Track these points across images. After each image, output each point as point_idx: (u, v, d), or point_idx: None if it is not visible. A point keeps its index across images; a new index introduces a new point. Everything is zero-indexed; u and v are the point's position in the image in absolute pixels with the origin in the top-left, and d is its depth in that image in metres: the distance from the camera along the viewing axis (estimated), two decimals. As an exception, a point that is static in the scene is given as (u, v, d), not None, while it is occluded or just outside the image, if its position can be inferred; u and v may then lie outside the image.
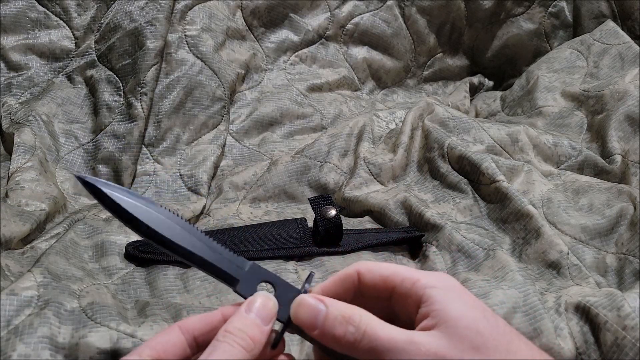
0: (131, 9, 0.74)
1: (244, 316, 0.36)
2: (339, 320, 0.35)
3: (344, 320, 0.35)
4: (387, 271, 0.37)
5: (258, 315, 0.36)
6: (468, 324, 0.34)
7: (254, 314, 0.36)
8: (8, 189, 0.60)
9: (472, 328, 0.34)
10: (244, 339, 0.34)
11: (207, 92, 0.75)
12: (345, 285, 0.38)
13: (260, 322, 0.36)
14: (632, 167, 0.69)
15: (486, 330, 0.34)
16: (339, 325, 0.35)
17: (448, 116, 0.72)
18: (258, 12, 0.84)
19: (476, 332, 0.34)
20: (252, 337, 0.35)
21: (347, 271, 0.38)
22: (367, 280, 0.38)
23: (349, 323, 0.35)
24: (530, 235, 0.57)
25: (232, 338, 0.34)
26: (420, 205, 0.61)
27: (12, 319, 0.44)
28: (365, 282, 0.38)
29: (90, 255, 0.55)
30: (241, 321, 0.35)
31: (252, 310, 0.36)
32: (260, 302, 0.36)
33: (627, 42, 0.84)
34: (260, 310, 0.36)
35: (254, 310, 0.36)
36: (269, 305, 0.36)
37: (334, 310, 0.36)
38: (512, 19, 0.97)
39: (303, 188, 0.70)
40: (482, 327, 0.34)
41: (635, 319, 0.45)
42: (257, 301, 0.36)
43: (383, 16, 0.91)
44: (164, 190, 0.70)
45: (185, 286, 0.53)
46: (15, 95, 0.74)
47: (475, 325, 0.34)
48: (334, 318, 0.35)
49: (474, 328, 0.34)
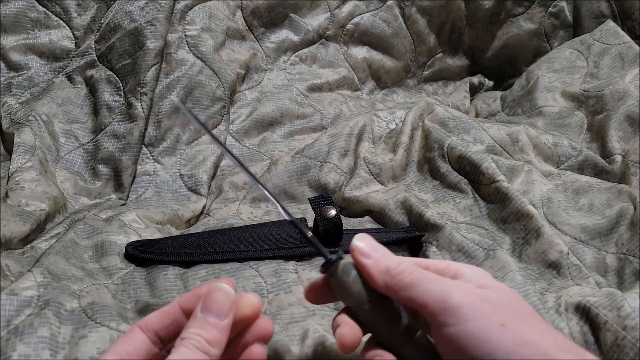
0: (131, 9, 0.74)
1: (198, 317, 0.35)
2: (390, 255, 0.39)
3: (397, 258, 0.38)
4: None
5: (213, 313, 0.35)
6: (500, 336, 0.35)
7: (209, 312, 0.35)
8: (8, 189, 0.60)
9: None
10: (200, 342, 0.34)
11: (207, 92, 0.75)
12: None
13: (216, 320, 0.35)
14: (632, 167, 0.69)
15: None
16: (392, 258, 0.38)
17: (448, 116, 0.72)
18: (258, 12, 0.84)
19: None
20: (208, 340, 0.34)
21: None
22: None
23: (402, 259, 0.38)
24: (530, 235, 0.57)
25: (188, 342, 0.34)
26: (420, 205, 0.61)
27: (12, 319, 0.44)
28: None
29: (90, 255, 0.55)
30: (196, 324, 0.35)
31: (207, 309, 0.35)
32: (214, 298, 0.36)
33: (627, 42, 0.84)
34: (214, 307, 0.35)
35: (208, 308, 0.35)
36: (224, 298, 0.36)
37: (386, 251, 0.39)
38: (512, 19, 0.97)
39: (303, 188, 0.70)
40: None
41: (635, 319, 0.45)
42: (210, 297, 0.36)
43: (383, 16, 0.90)
44: (164, 190, 0.70)
45: (185, 286, 0.53)
46: (15, 95, 0.74)
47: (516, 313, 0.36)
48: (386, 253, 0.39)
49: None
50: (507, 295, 0.36)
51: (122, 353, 0.35)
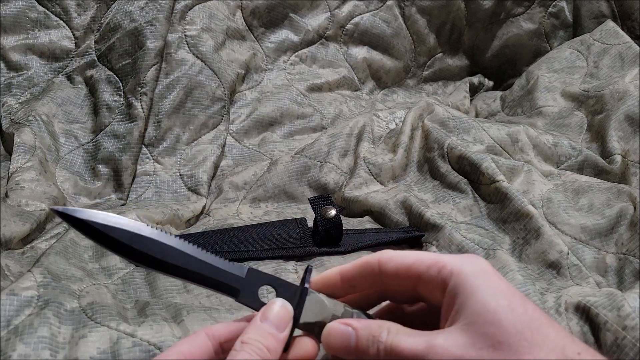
0: (131, 9, 0.74)
1: (258, 325, 0.36)
2: (370, 341, 0.36)
3: (375, 341, 0.35)
4: (410, 259, 0.37)
5: (273, 324, 0.36)
6: (490, 319, 0.33)
7: (269, 323, 0.36)
8: (8, 189, 0.60)
9: (494, 323, 0.33)
10: (260, 349, 0.35)
11: (207, 92, 0.75)
12: (364, 273, 0.38)
13: (275, 331, 0.36)
14: (632, 167, 0.69)
15: (509, 323, 0.33)
16: (371, 346, 0.36)
17: (448, 116, 0.72)
18: (258, 12, 0.84)
19: (498, 328, 0.33)
20: (267, 347, 0.35)
21: (368, 259, 0.38)
22: (389, 270, 0.37)
23: (378, 342, 0.35)
24: (530, 235, 0.57)
25: (249, 347, 0.35)
26: (420, 205, 0.61)
27: (12, 319, 0.44)
28: (387, 272, 0.37)
29: (90, 255, 0.55)
30: (256, 331, 0.36)
31: (267, 319, 0.36)
32: (274, 311, 0.37)
33: (627, 42, 0.84)
34: (274, 318, 0.36)
35: (269, 318, 0.36)
36: (284, 312, 0.37)
37: (363, 332, 0.36)
38: (512, 19, 0.97)
39: (303, 188, 0.70)
40: (505, 320, 0.33)
41: (635, 319, 0.45)
42: (271, 310, 0.37)
43: (383, 16, 0.90)
44: (163, 190, 0.70)
45: (185, 286, 0.53)
46: (15, 95, 0.74)
47: (497, 319, 0.33)
48: (366, 339, 0.36)
49: (496, 322, 0.33)
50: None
51: (185, 352, 0.35)
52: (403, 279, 0.37)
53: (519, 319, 0.33)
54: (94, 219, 0.36)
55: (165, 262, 0.37)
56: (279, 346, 0.36)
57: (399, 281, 0.37)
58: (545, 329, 0.33)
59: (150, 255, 0.36)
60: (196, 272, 0.37)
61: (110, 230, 0.36)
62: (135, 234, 0.36)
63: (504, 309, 0.33)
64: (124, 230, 0.36)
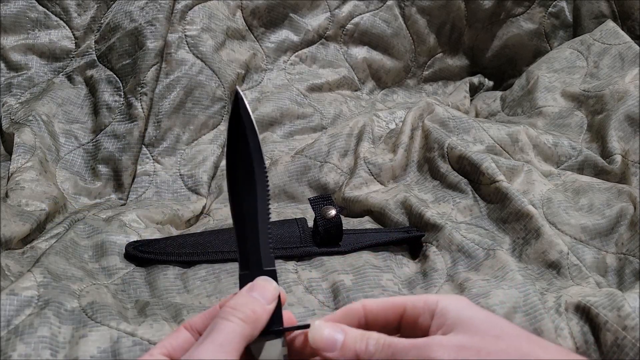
0: (131, 9, 0.74)
1: (245, 294, 0.36)
2: (358, 338, 0.36)
3: (364, 337, 0.36)
4: (395, 299, 0.38)
5: (260, 295, 0.36)
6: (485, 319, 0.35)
7: (256, 292, 0.36)
8: (8, 189, 0.60)
9: (490, 322, 0.35)
10: (244, 312, 0.35)
11: (207, 92, 0.75)
12: (349, 319, 0.38)
13: (262, 300, 0.36)
14: (632, 167, 0.69)
15: (504, 324, 0.35)
16: (359, 342, 0.36)
17: (448, 116, 0.72)
18: (258, 12, 0.84)
19: (494, 325, 0.35)
20: (253, 310, 0.35)
21: (352, 305, 0.39)
22: (374, 309, 0.38)
23: (369, 338, 0.36)
24: (530, 235, 0.57)
25: (232, 312, 0.35)
26: (420, 205, 0.61)
27: (12, 318, 0.44)
28: (372, 312, 0.38)
29: (90, 255, 0.55)
30: (244, 298, 0.36)
31: (254, 289, 0.36)
32: (261, 284, 0.37)
33: (627, 42, 0.84)
34: (261, 290, 0.36)
35: (256, 289, 0.36)
36: (270, 287, 0.37)
37: (353, 331, 0.36)
38: (512, 19, 0.97)
39: (303, 188, 0.70)
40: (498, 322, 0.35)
41: (635, 319, 0.45)
42: (258, 283, 0.37)
43: (383, 16, 0.91)
44: (164, 190, 0.70)
45: (185, 286, 0.53)
46: (15, 95, 0.74)
47: (491, 320, 0.35)
48: (354, 337, 0.36)
49: (491, 322, 0.35)
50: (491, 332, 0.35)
51: (168, 348, 0.35)
52: (389, 316, 0.38)
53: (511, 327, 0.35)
54: None
55: None
56: (266, 315, 0.36)
57: (384, 320, 0.38)
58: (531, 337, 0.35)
59: None
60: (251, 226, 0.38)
61: None
62: None
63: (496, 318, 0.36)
64: None
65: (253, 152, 0.38)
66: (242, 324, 0.34)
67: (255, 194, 0.38)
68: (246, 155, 0.38)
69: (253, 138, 0.38)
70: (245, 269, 0.38)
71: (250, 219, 0.38)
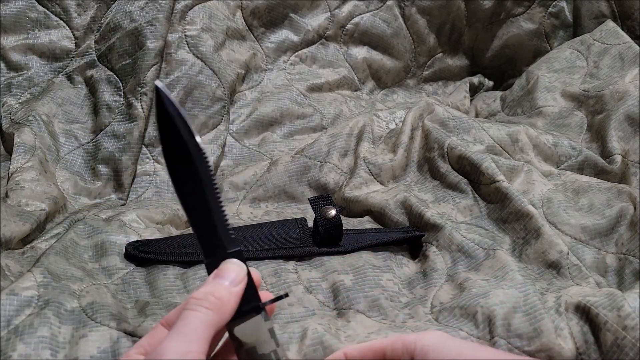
0: (131, 9, 0.74)
1: (210, 281, 0.36)
2: None
3: None
4: (374, 342, 0.39)
5: (227, 279, 0.36)
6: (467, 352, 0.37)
7: (222, 277, 0.36)
8: (8, 189, 0.60)
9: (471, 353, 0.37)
10: (209, 300, 0.34)
11: (207, 92, 0.75)
12: None
13: (228, 284, 0.36)
14: (632, 167, 0.69)
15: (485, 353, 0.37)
16: None
17: (448, 116, 0.72)
18: (258, 12, 0.84)
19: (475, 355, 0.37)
20: (218, 297, 0.35)
21: (334, 355, 0.39)
22: (356, 356, 0.39)
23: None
24: (530, 235, 0.58)
25: (197, 302, 0.34)
26: (420, 205, 0.61)
27: (12, 319, 0.44)
28: (354, 356, 0.39)
29: (90, 255, 0.55)
30: (208, 286, 0.36)
31: (220, 275, 0.36)
32: (225, 267, 0.36)
33: (627, 42, 0.84)
34: (228, 273, 0.36)
35: (222, 275, 0.36)
36: (238, 269, 0.36)
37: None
38: (512, 19, 0.97)
39: (303, 188, 0.70)
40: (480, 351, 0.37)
41: (635, 319, 0.45)
42: (225, 267, 0.36)
43: (383, 16, 0.90)
44: (164, 190, 0.70)
45: (185, 286, 0.53)
46: (15, 95, 0.74)
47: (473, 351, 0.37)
48: None
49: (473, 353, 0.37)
50: None
51: (146, 347, 0.35)
52: (370, 358, 0.39)
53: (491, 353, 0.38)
54: None
55: None
56: (233, 299, 0.35)
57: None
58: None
59: None
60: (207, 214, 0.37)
61: None
62: None
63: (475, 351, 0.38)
64: None
65: (184, 135, 0.37)
66: (207, 311, 0.34)
67: (200, 178, 0.37)
68: (180, 142, 0.37)
69: (182, 123, 0.37)
70: (209, 255, 0.37)
71: (200, 204, 0.37)
